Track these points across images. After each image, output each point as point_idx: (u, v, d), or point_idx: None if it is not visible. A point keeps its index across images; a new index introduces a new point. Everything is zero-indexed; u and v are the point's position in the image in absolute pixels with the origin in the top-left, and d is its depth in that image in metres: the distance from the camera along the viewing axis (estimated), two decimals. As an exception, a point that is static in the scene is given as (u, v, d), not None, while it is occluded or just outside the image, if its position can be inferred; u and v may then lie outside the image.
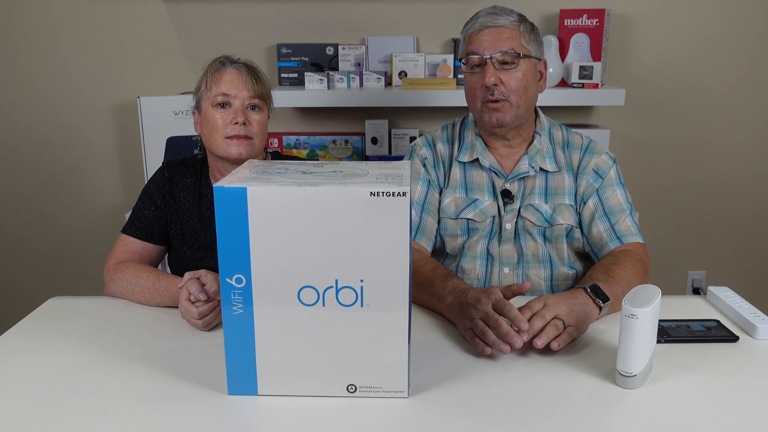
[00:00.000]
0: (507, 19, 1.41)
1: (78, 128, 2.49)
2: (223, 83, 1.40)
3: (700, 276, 2.63)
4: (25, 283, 2.64)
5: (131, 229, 1.50)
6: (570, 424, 0.92)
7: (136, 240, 1.49)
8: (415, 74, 2.35)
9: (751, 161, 2.52)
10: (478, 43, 1.42)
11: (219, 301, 1.20)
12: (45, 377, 1.06)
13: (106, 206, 2.55)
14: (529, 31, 1.43)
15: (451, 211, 1.50)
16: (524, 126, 1.48)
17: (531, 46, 1.43)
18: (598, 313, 1.21)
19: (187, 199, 1.51)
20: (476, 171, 1.50)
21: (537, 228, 1.47)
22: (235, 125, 1.40)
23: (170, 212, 1.51)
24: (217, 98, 1.40)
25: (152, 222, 1.50)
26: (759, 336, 1.18)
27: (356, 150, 2.41)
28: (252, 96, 1.41)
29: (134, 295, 1.36)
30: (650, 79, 2.44)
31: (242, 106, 1.41)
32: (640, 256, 1.38)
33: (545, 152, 1.48)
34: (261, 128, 1.44)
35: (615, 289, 1.26)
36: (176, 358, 1.12)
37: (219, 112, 1.41)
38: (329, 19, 2.39)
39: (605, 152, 1.50)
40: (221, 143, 1.41)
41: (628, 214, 1.45)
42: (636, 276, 1.32)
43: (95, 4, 2.37)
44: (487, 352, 1.09)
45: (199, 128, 1.48)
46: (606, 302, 1.21)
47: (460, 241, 1.51)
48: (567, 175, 1.48)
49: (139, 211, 1.51)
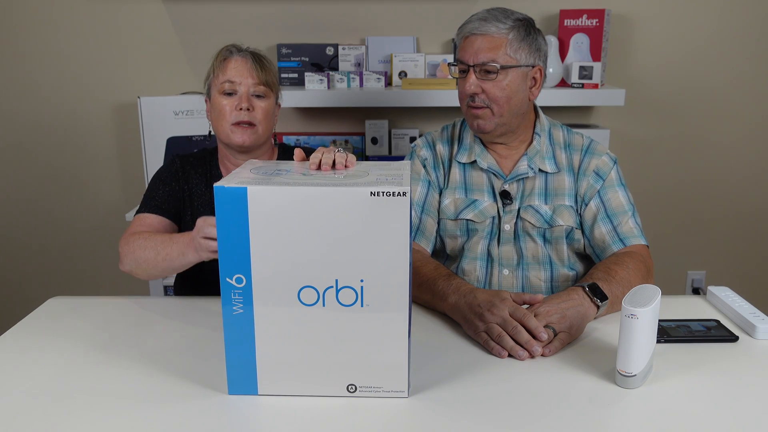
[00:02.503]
0: (496, 27, 1.38)
1: (78, 128, 2.49)
2: (229, 71, 1.44)
3: (700, 276, 2.63)
4: (25, 283, 2.64)
5: (147, 207, 1.48)
6: (570, 424, 0.92)
7: (152, 215, 1.47)
8: (415, 74, 2.35)
9: (751, 161, 2.52)
10: (463, 50, 1.42)
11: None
12: (45, 377, 1.06)
13: (106, 206, 2.55)
14: (520, 38, 1.39)
15: (451, 212, 1.50)
16: (520, 128, 1.48)
17: (520, 54, 1.39)
18: (595, 312, 1.21)
19: (198, 187, 1.53)
20: (475, 172, 1.50)
21: (537, 229, 1.47)
22: (239, 111, 1.43)
23: (184, 197, 1.52)
24: (223, 86, 1.44)
25: (168, 200, 1.49)
26: (759, 336, 1.18)
27: (356, 150, 2.41)
28: (257, 83, 1.44)
29: (146, 251, 1.32)
30: (650, 79, 2.44)
31: (247, 93, 1.44)
32: (643, 258, 1.38)
33: (545, 153, 1.48)
34: (265, 115, 1.46)
35: (615, 289, 1.26)
36: (176, 358, 1.12)
37: (225, 99, 1.44)
38: (329, 19, 2.39)
39: (606, 153, 1.49)
40: (227, 130, 1.45)
41: (630, 215, 1.44)
42: (637, 277, 1.31)
43: (95, 4, 2.37)
44: (503, 355, 1.11)
45: (209, 116, 1.51)
46: (604, 301, 1.21)
47: (459, 242, 1.51)
48: (567, 175, 1.48)
49: (154, 192, 1.50)
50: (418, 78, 2.33)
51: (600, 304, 1.20)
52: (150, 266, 1.33)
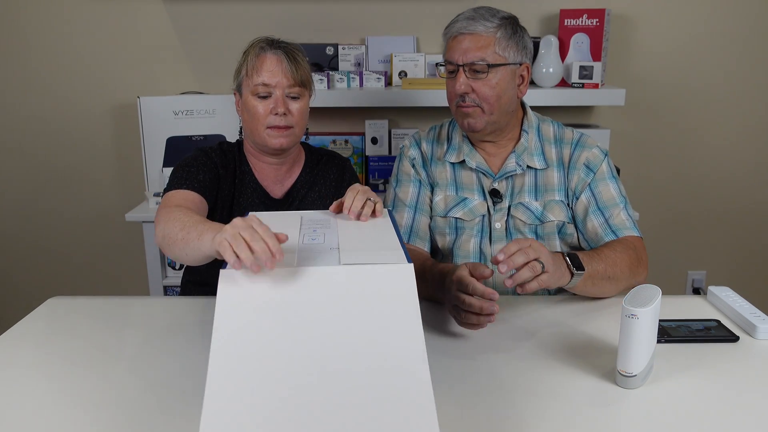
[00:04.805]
0: (484, 25, 1.38)
1: (78, 128, 2.49)
2: (264, 72, 1.40)
3: (700, 276, 2.63)
4: (25, 283, 2.64)
5: (188, 185, 1.36)
6: (570, 424, 0.92)
7: (195, 193, 1.36)
8: (415, 74, 2.35)
9: (751, 161, 2.52)
10: (452, 50, 1.41)
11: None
12: (45, 377, 1.06)
13: (106, 206, 2.55)
14: (508, 37, 1.39)
15: (441, 209, 1.51)
16: (509, 126, 1.48)
17: (509, 52, 1.39)
18: (569, 279, 1.23)
19: (225, 181, 1.48)
20: (465, 171, 1.51)
21: (528, 226, 1.47)
22: (275, 116, 1.41)
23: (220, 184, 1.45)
24: (257, 88, 1.41)
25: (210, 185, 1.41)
26: (759, 336, 1.18)
27: (356, 150, 2.41)
28: (292, 84, 1.41)
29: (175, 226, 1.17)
30: (650, 79, 2.44)
31: (282, 96, 1.41)
32: (635, 246, 1.38)
33: (533, 150, 1.48)
34: (301, 116, 1.45)
35: (597, 265, 1.28)
36: (177, 358, 1.12)
37: (260, 102, 1.41)
38: (329, 19, 2.39)
39: (596, 146, 1.49)
40: (263, 133, 1.42)
41: (622, 208, 1.44)
42: (624, 259, 1.33)
43: (95, 4, 2.37)
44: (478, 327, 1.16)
45: (240, 111, 1.48)
46: (580, 271, 1.23)
47: (448, 240, 1.51)
48: (557, 170, 1.48)
49: (192, 176, 1.39)
50: (418, 78, 2.33)
51: (575, 272, 1.23)
52: (171, 242, 1.18)
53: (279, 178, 1.53)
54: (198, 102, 2.29)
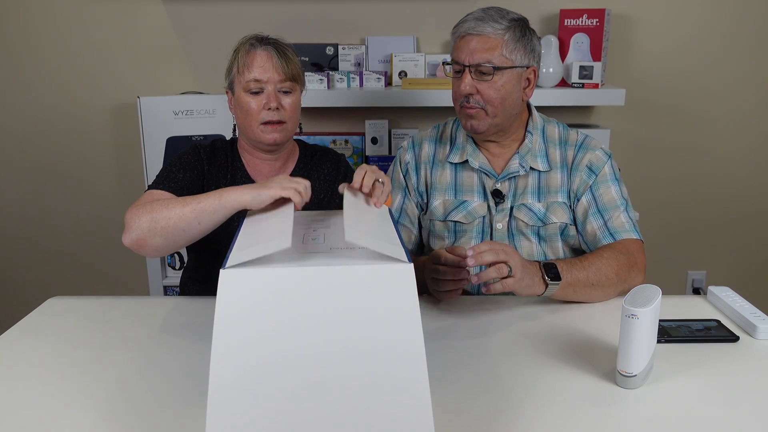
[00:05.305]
0: (492, 27, 1.38)
1: (78, 128, 2.49)
2: (254, 68, 1.41)
3: (700, 276, 2.63)
4: (25, 283, 2.64)
5: (164, 185, 1.38)
6: (570, 424, 0.92)
7: (168, 193, 1.36)
8: (415, 74, 2.35)
9: (752, 161, 2.52)
10: (459, 50, 1.41)
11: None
12: (44, 377, 1.06)
13: (106, 206, 2.55)
14: (516, 39, 1.39)
15: (440, 213, 1.51)
16: (513, 127, 1.48)
17: (516, 55, 1.39)
18: (543, 289, 1.24)
19: (222, 178, 1.49)
20: (467, 172, 1.50)
21: (530, 228, 1.47)
22: (268, 111, 1.42)
23: (203, 186, 1.46)
24: (249, 84, 1.42)
25: (187, 186, 1.40)
26: (759, 336, 1.18)
27: (356, 150, 2.41)
28: (283, 79, 1.42)
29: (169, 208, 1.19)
30: (650, 79, 2.44)
31: (274, 91, 1.42)
32: (628, 250, 1.37)
33: (537, 151, 1.48)
34: (293, 111, 1.46)
35: (578, 273, 1.29)
36: (177, 358, 1.12)
37: (252, 98, 1.43)
38: (329, 19, 2.39)
39: (600, 148, 1.48)
40: (256, 130, 1.43)
41: (622, 210, 1.43)
42: (611, 266, 1.32)
43: (95, 4, 2.37)
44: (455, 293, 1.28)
45: (233, 109, 1.50)
46: (555, 281, 1.24)
47: (447, 243, 1.51)
48: (560, 172, 1.47)
49: (173, 175, 1.41)
50: (418, 78, 2.33)
51: (549, 283, 1.24)
52: (170, 224, 1.18)
53: (273, 174, 1.53)
54: (198, 102, 2.29)
